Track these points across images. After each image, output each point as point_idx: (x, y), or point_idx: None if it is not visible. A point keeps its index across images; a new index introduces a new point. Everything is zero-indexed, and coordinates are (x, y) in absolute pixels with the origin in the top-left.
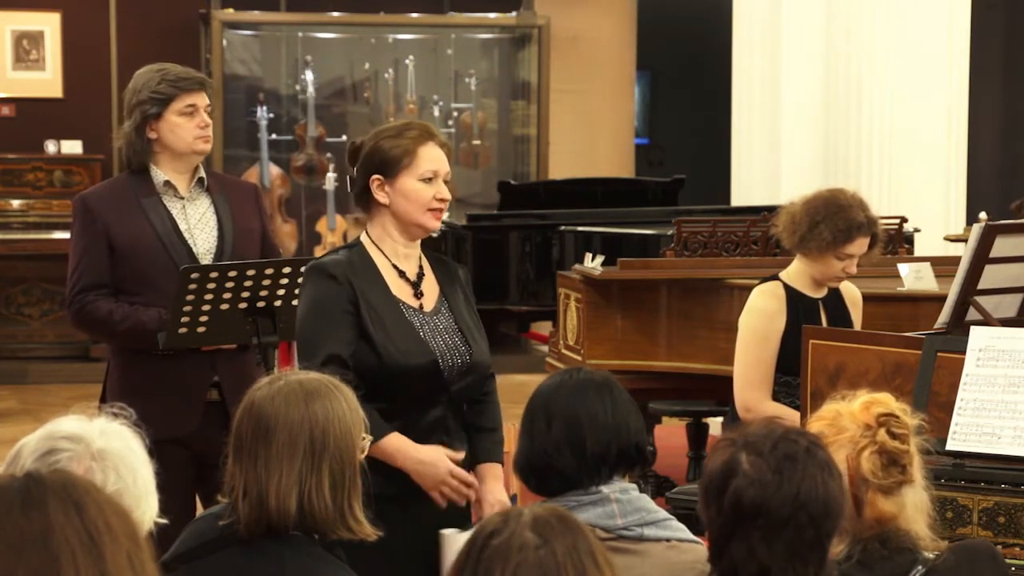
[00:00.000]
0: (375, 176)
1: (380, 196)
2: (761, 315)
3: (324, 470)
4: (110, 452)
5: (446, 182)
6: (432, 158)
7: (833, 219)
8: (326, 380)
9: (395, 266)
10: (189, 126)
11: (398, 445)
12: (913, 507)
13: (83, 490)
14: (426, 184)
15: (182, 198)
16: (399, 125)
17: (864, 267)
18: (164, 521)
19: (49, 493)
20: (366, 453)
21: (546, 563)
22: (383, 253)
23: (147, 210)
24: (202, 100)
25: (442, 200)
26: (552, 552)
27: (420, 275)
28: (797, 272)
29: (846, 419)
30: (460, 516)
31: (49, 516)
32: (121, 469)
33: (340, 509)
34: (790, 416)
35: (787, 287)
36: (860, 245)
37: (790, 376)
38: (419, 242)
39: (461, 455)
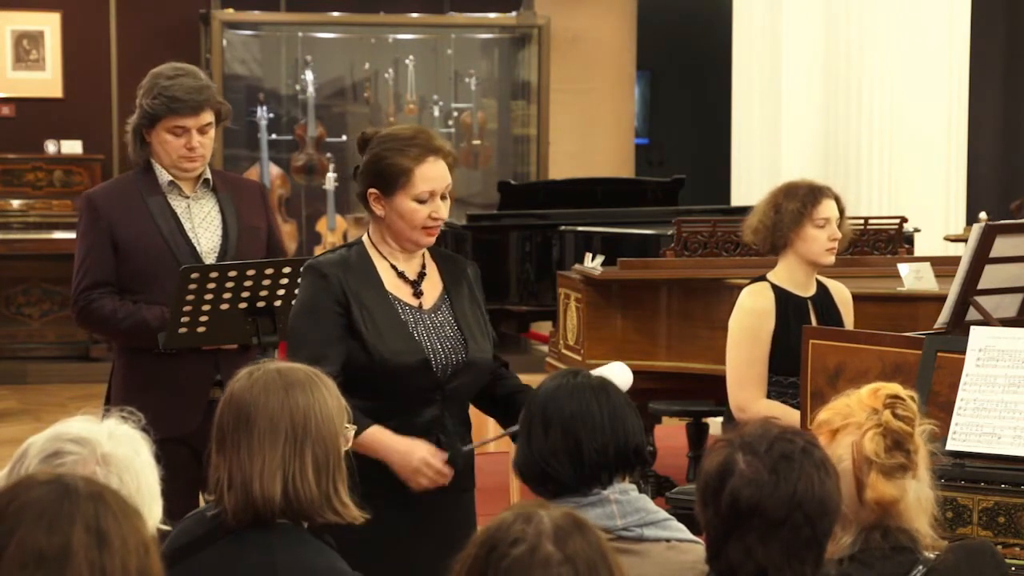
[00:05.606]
0: (372, 189)
1: (376, 209)
2: (752, 315)
3: (307, 454)
4: (116, 457)
5: (444, 197)
6: (429, 177)
7: (792, 193)
8: (307, 370)
9: (393, 266)
10: (176, 144)
11: (377, 436)
12: (916, 499)
13: (112, 518)
14: (421, 204)
15: (187, 197)
16: (405, 136)
17: (864, 267)
18: (167, 528)
19: (79, 516)
20: (351, 444)
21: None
22: (381, 254)
23: (152, 209)
24: (196, 121)
25: (437, 219)
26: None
27: (421, 274)
28: (784, 271)
29: (855, 406)
30: (459, 509)
31: (72, 542)
32: (126, 475)
33: (325, 493)
34: (785, 414)
35: (775, 287)
36: (829, 207)
37: (781, 375)
38: None
39: (444, 455)
